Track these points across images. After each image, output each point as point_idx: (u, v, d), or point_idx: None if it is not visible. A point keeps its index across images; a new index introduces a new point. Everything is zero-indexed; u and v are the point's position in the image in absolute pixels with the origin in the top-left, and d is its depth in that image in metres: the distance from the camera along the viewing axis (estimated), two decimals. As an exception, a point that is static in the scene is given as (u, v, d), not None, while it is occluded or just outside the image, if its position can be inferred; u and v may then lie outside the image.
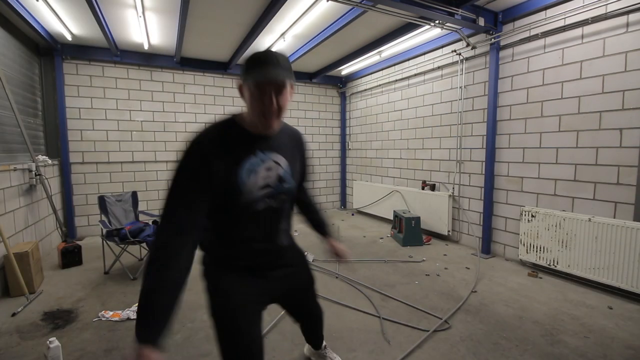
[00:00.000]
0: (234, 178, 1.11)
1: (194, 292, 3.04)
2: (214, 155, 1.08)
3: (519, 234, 3.69)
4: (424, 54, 5.03)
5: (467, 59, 4.33)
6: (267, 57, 1.06)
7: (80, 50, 4.87)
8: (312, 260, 3.83)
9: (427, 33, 4.43)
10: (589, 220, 3.04)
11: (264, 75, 1.03)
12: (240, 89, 1.13)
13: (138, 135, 5.44)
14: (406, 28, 4.21)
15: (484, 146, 4.11)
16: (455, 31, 3.97)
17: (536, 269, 3.50)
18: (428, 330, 2.34)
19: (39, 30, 3.99)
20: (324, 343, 1.99)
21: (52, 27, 4.17)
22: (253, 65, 1.05)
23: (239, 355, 1.20)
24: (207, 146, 1.08)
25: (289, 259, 1.46)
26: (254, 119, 1.13)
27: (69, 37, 4.39)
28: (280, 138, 1.25)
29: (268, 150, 1.19)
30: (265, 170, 1.17)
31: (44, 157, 4.34)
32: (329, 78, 6.97)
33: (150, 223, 3.77)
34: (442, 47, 4.70)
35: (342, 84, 7.13)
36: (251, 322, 1.25)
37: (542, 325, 2.43)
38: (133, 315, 2.59)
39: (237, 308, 1.23)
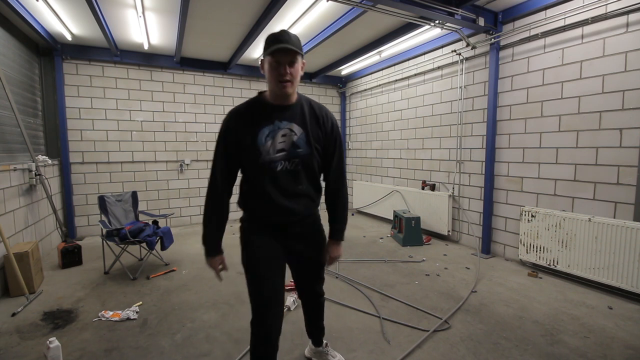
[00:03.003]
0: (254, 140, 1.41)
1: (194, 292, 3.05)
2: (238, 124, 1.44)
3: (519, 234, 3.69)
4: (424, 54, 5.03)
5: (467, 59, 4.33)
6: (282, 35, 1.33)
7: (80, 50, 4.87)
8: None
9: (427, 33, 4.43)
10: (589, 220, 3.04)
11: (279, 48, 1.30)
12: (262, 65, 1.43)
13: (138, 135, 5.44)
14: (406, 28, 4.21)
15: (484, 146, 4.11)
16: (455, 31, 3.97)
17: (536, 269, 3.50)
18: (428, 330, 2.34)
19: (39, 30, 3.99)
20: (325, 341, 2.00)
21: (52, 27, 4.17)
22: (271, 41, 1.33)
23: (262, 297, 1.49)
24: (233, 117, 1.46)
25: (308, 228, 1.62)
26: (272, 88, 1.41)
27: (69, 37, 4.39)
28: (297, 109, 1.47)
29: (284, 120, 1.44)
30: (280, 136, 1.43)
31: (44, 157, 4.34)
32: (329, 78, 6.97)
33: (150, 223, 3.77)
34: (442, 47, 4.70)
35: (342, 84, 7.13)
36: (273, 272, 1.53)
37: (542, 325, 2.43)
38: (133, 315, 2.59)
39: (262, 259, 1.51)
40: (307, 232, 1.62)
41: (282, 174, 1.45)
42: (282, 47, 1.30)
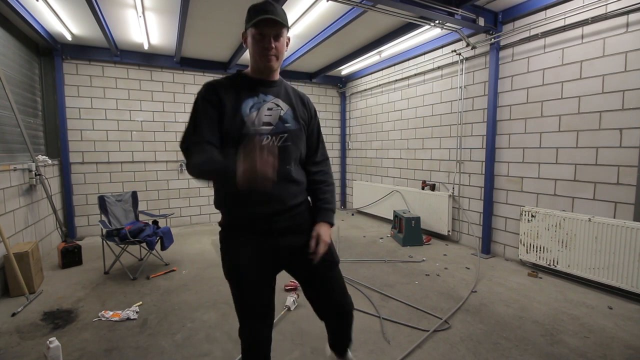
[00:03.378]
0: (238, 109, 1.25)
1: (194, 292, 3.05)
2: (222, 90, 1.27)
3: (519, 234, 3.69)
4: (424, 54, 5.03)
5: (467, 59, 4.33)
6: (266, 5, 1.22)
7: (80, 50, 4.87)
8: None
9: (427, 33, 4.43)
10: (589, 220, 3.03)
11: (264, 21, 1.19)
12: (244, 38, 1.31)
13: (138, 135, 5.44)
14: (406, 28, 4.21)
15: (484, 146, 4.11)
16: (455, 31, 3.97)
17: (536, 269, 3.50)
18: (428, 330, 2.34)
19: (39, 30, 3.99)
20: (349, 352, 1.67)
21: (52, 27, 4.17)
22: (254, 12, 1.21)
23: (249, 312, 1.37)
24: (216, 84, 1.29)
25: (301, 219, 1.37)
26: (255, 63, 1.30)
27: (69, 37, 4.39)
28: (282, 89, 1.37)
29: (269, 94, 1.32)
30: (266, 109, 1.29)
31: (44, 157, 4.34)
32: (329, 78, 6.97)
33: (150, 223, 3.77)
34: (442, 47, 4.70)
35: (342, 84, 7.13)
36: (259, 286, 1.35)
37: (542, 325, 2.43)
38: (133, 315, 2.59)
39: (241, 274, 1.34)
40: (302, 224, 1.38)
41: (267, 149, 1.21)
42: (267, 18, 1.18)
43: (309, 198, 1.46)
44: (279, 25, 1.22)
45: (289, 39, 1.32)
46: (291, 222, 1.34)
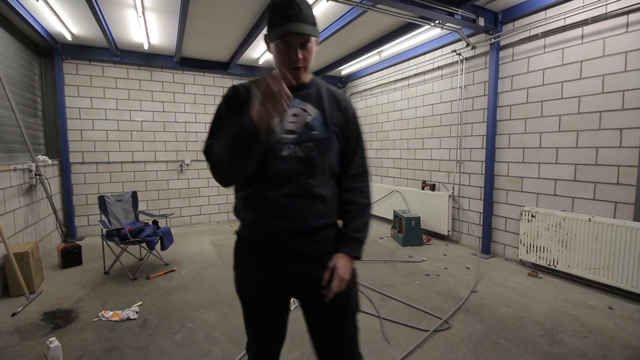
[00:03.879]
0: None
1: (194, 292, 3.05)
2: (245, 94, 1.12)
3: (519, 234, 3.69)
4: (424, 54, 5.03)
5: (467, 59, 4.33)
6: (291, 9, 1.03)
7: (80, 50, 4.87)
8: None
9: (427, 33, 4.43)
10: (589, 220, 3.03)
11: (289, 30, 1.02)
12: (266, 41, 1.13)
13: (138, 135, 5.44)
14: (406, 28, 4.21)
15: (484, 146, 4.11)
16: (455, 31, 3.97)
17: (536, 269, 3.50)
18: (428, 330, 2.34)
19: (39, 30, 3.99)
20: None
21: (52, 27, 4.17)
22: (278, 18, 1.04)
23: (251, 334, 1.27)
24: (240, 88, 1.15)
25: (321, 248, 1.16)
26: (281, 71, 1.11)
27: (69, 37, 4.39)
28: (314, 91, 1.18)
29: (297, 98, 1.14)
30: (291, 115, 1.12)
31: (44, 157, 4.34)
32: (329, 78, 6.97)
33: (150, 223, 3.77)
34: (442, 47, 4.70)
35: (342, 84, 7.13)
36: (262, 310, 1.21)
37: (542, 325, 2.43)
38: (133, 315, 2.59)
39: (249, 293, 1.21)
40: (325, 253, 1.15)
41: (289, 162, 1.09)
42: (297, 33, 1.03)
43: (339, 222, 1.24)
44: (306, 33, 1.05)
45: (317, 40, 1.14)
46: (311, 248, 1.14)
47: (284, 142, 1.09)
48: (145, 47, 4.86)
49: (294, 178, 1.10)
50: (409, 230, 4.48)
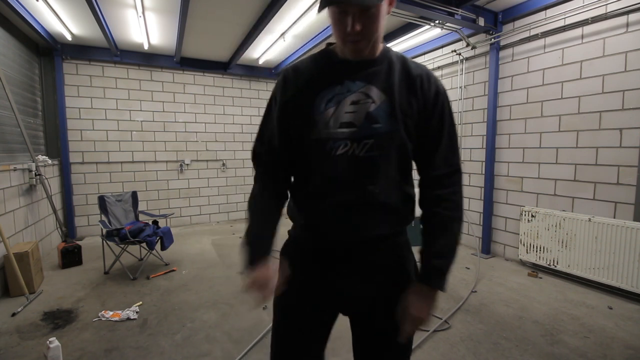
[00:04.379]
0: (308, 103, 0.92)
1: (194, 292, 3.05)
2: (296, 78, 0.95)
3: (519, 234, 3.69)
4: (424, 54, 5.02)
5: (467, 59, 4.33)
6: None
7: (80, 50, 4.87)
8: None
9: (427, 33, 4.43)
10: (589, 220, 3.03)
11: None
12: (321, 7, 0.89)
13: (138, 135, 5.44)
14: (406, 28, 4.21)
15: (484, 146, 4.11)
16: (455, 31, 3.97)
17: (536, 269, 3.50)
18: (428, 330, 2.34)
19: (39, 30, 3.99)
20: None
21: (52, 27, 4.17)
22: None
23: (276, 356, 1.06)
24: (290, 73, 0.97)
25: (380, 263, 0.97)
26: (338, 45, 0.93)
27: (69, 37, 4.38)
28: (383, 69, 0.92)
29: (359, 80, 0.90)
30: (350, 103, 0.90)
31: (44, 157, 4.34)
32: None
33: (150, 223, 3.77)
34: (442, 47, 4.69)
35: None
36: (298, 335, 1.01)
37: (542, 325, 2.43)
38: (133, 315, 2.59)
39: (287, 315, 1.03)
40: (379, 267, 0.97)
41: (343, 163, 0.89)
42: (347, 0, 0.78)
43: (406, 230, 1.06)
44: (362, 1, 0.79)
45: (390, 1, 0.88)
46: (362, 261, 0.95)
47: (339, 137, 0.88)
48: (145, 47, 4.86)
49: (349, 183, 0.90)
50: (409, 230, 4.47)
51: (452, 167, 0.97)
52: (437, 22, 3.73)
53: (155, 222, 3.82)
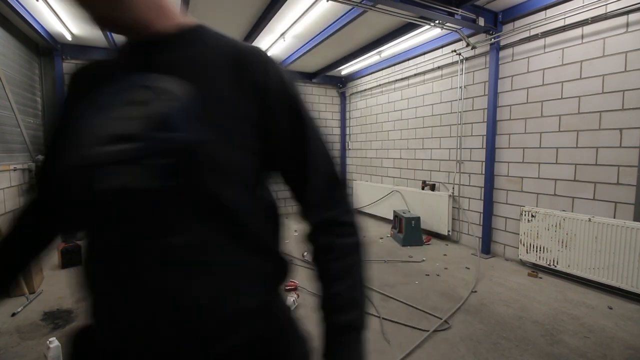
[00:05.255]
0: (66, 117, 0.64)
1: (194, 292, 3.05)
2: (73, 88, 0.69)
3: (519, 234, 3.69)
4: (424, 54, 5.02)
5: (467, 59, 4.33)
6: None
7: (80, 50, 4.87)
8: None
9: (427, 33, 4.43)
10: (589, 220, 3.03)
11: None
12: None
13: (138, 135, 5.43)
14: (406, 28, 4.21)
15: (484, 146, 4.11)
16: (455, 31, 3.97)
17: (536, 269, 3.50)
18: (428, 330, 2.34)
19: (39, 30, 3.99)
20: None
21: (52, 27, 4.17)
22: None
23: None
24: (73, 77, 0.72)
25: None
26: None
27: (69, 37, 4.39)
28: (182, 48, 0.59)
29: (148, 70, 0.57)
30: (128, 104, 0.55)
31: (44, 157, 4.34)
32: (329, 78, 6.97)
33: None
34: (442, 47, 4.70)
35: (342, 84, 7.13)
36: None
37: (542, 325, 2.43)
38: (133, 315, 2.58)
39: None
40: None
41: (117, 203, 0.53)
42: None
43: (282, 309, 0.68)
44: None
45: None
46: None
47: (104, 161, 0.52)
48: (145, 47, 4.86)
49: (132, 236, 0.53)
50: (409, 230, 4.48)
51: (331, 178, 0.63)
52: (437, 22, 3.73)
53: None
